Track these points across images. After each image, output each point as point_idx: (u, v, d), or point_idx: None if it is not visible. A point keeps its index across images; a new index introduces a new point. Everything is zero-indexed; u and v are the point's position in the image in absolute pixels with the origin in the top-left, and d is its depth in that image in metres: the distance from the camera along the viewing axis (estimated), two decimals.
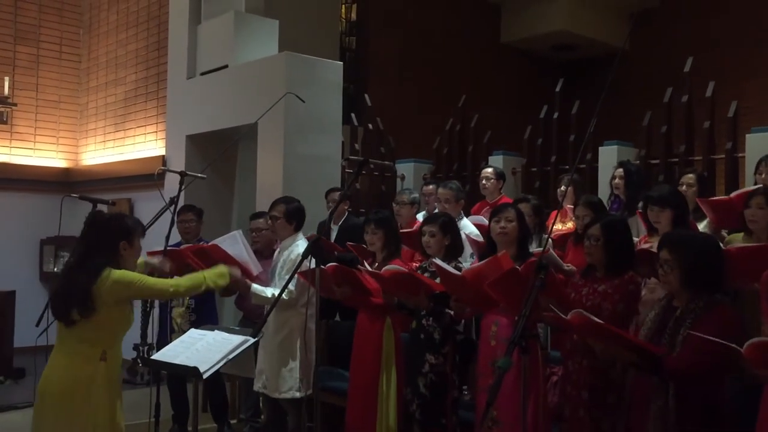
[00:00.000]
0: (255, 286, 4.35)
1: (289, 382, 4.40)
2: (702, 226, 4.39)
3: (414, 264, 4.75)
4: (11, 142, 9.53)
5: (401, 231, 5.04)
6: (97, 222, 3.34)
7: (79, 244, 3.28)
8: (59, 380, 3.12)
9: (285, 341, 4.42)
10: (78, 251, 3.25)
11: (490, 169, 6.16)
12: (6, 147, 9.48)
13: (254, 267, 4.37)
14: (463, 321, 4.10)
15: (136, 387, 6.90)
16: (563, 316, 2.81)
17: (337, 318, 5.72)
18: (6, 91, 9.20)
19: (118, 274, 3.16)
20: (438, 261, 3.78)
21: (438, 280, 3.87)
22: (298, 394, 4.36)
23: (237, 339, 3.20)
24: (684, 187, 4.72)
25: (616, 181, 5.36)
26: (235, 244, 4.32)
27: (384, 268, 3.98)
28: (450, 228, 4.12)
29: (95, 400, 3.11)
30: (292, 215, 4.57)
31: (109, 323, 3.17)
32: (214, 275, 3.43)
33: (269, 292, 4.33)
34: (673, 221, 3.85)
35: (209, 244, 4.51)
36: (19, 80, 9.52)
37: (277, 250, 4.74)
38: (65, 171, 9.89)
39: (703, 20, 11.35)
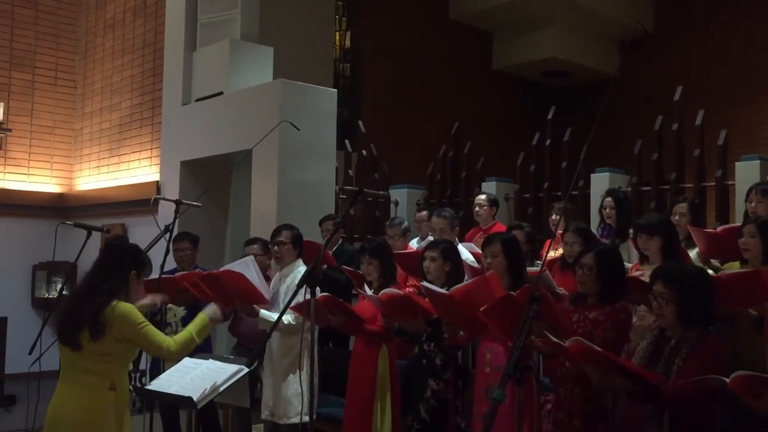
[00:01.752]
0: (263, 312, 4.40)
1: (296, 407, 4.41)
2: (693, 254, 4.44)
3: (408, 288, 4.78)
4: (5, 168, 9.54)
5: (399, 253, 5.08)
6: (117, 246, 3.39)
7: (93, 268, 3.29)
8: (70, 410, 3.11)
9: (291, 367, 4.44)
10: (91, 274, 3.26)
11: (483, 196, 6.20)
12: (0, 172, 9.48)
13: (266, 292, 4.40)
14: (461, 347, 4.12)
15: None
16: (561, 342, 2.82)
17: (330, 345, 5.72)
18: (0, 116, 9.25)
19: (125, 307, 3.15)
20: (426, 283, 3.81)
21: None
22: (306, 419, 4.36)
23: (231, 368, 3.20)
24: (677, 217, 4.75)
25: (607, 211, 5.40)
26: (247, 269, 4.34)
27: (381, 292, 4.00)
28: (451, 254, 4.14)
29: (107, 430, 3.11)
30: (297, 241, 4.69)
31: (114, 355, 3.16)
32: (199, 330, 3.38)
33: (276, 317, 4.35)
34: (662, 249, 3.90)
35: (221, 270, 4.52)
36: (14, 106, 9.56)
37: (276, 276, 4.77)
38: (59, 196, 9.89)
39: (693, 48, 11.52)
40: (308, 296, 3.26)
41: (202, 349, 4.82)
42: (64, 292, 5.27)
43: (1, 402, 7.34)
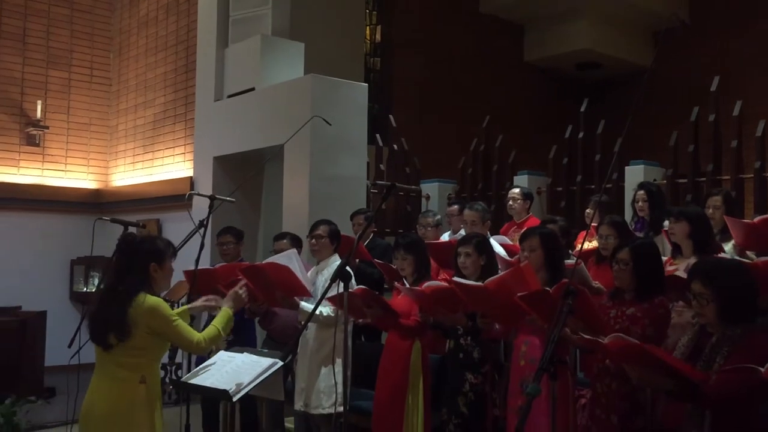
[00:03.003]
0: (303, 304, 4.46)
1: (330, 399, 4.47)
2: (729, 247, 4.35)
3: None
4: (43, 164, 9.72)
5: (432, 243, 5.08)
6: (128, 245, 3.37)
7: (111, 268, 3.33)
8: (101, 404, 3.16)
9: (326, 359, 4.49)
10: (111, 275, 3.30)
11: (516, 190, 6.16)
12: (38, 169, 9.67)
13: (309, 285, 4.45)
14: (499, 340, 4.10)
15: (165, 405, 6.93)
16: (599, 340, 2.77)
17: (362, 339, 5.74)
18: (38, 114, 9.44)
19: (153, 301, 3.18)
20: (457, 278, 3.80)
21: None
22: (340, 409, 4.40)
23: (266, 361, 3.23)
24: (711, 210, 4.66)
25: (639, 204, 5.33)
26: (290, 262, 4.39)
27: (425, 284, 4.00)
28: (485, 248, 4.13)
29: (137, 422, 3.16)
30: (335, 236, 4.77)
31: (145, 349, 3.20)
32: (224, 323, 3.41)
33: (317, 309, 4.38)
34: (690, 236, 3.84)
35: (265, 262, 4.56)
36: (51, 103, 9.74)
37: (312, 270, 4.81)
38: (95, 192, 10.06)
39: (730, 38, 11.30)
40: (342, 290, 3.28)
41: (245, 342, 4.90)
42: (101, 287, 5.38)
43: (42, 394, 7.48)
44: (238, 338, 5.04)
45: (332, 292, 3.55)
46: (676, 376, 2.60)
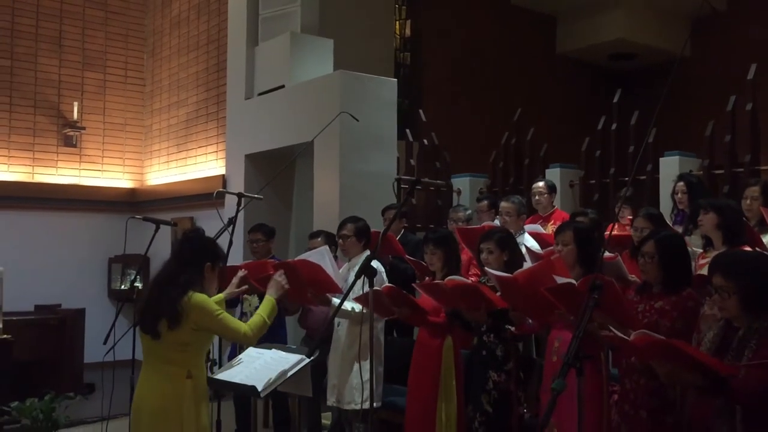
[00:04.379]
0: (335, 300, 4.46)
1: (362, 394, 4.47)
2: (767, 240, 4.25)
3: (472, 279, 4.74)
4: (80, 164, 9.92)
5: (463, 228, 5.07)
6: (193, 238, 3.51)
7: (171, 259, 3.39)
8: (151, 398, 3.23)
9: (361, 354, 4.49)
10: (170, 264, 3.35)
11: (541, 183, 6.11)
12: (75, 169, 9.87)
13: (340, 282, 4.47)
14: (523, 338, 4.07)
15: None
16: (625, 337, 2.73)
17: (394, 335, 5.74)
18: (75, 115, 9.63)
19: (200, 297, 3.23)
20: (490, 270, 3.77)
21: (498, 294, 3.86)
22: (376, 404, 4.42)
23: (294, 358, 3.25)
24: (748, 201, 4.56)
25: (679, 196, 5.23)
26: (322, 260, 4.42)
27: (447, 278, 3.99)
28: (507, 243, 4.09)
29: (186, 416, 3.21)
30: (362, 233, 4.76)
31: (190, 345, 3.25)
32: (269, 312, 3.45)
33: (349, 306, 4.41)
34: (719, 227, 3.80)
35: (296, 259, 4.60)
36: (87, 105, 9.93)
37: (345, 267, 4.83)
38: (131, 191, 10.24)
39: (767, 26, 11.01)
40: (367, 287, 3.28)
41: (275, 339, 4.93)
42: (136, 284, 5.47)
43: (81, 390, 7.63)
44: (268, 334, 5.08)
45: (358, 288, 3.55)
46: (705, 371, 2.55)
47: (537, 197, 6.02)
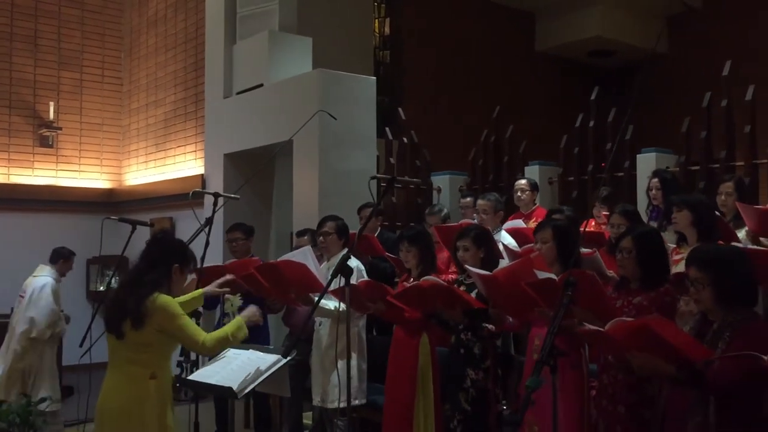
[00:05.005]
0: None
1: (345, 393, 4.46)
2: (742, 234, 4.31)
3: (450, 276, 4.76)
4: (57, 165, 9.81)
5: (441, 226, 5.08)
6: (162, 240, 3.51)
7: (139, 260, 3.37)
8: (114, 398, 3.22)
9: (340, 353, 4.48)
10: (137, 266, 3.34)
11: (524, 181, 6.15)
12: (52, 170, 9.76)
13: (323, 281, 4.44)
14: (501, 335, 4.08)
15: (180, 403, 6.97)
16: (600, 329, 2.75)
17: (374, 333, 5.74)
18: (51, 115, 9.52)
19: (165, 299, 3.22)
20: (470, 268, 3.79)
21: (474, 293, 3.87)
22: (355, 402, 4.41)
23: (271, 358, 3.24)
24: (723, 197, 4.61)
25: (653, 192, 5.28)
26: (305, 259, 4.40)
27: (423, 278, 4.00)
28: (484, 240, 4.10)
29: (149, 417, 3.19)
30: (342, 231, 4.77)
31: (153, 346, 3.22)
32: (235, 330, 3.40)
33: (332, 305, 4.40)
34: (693, 224, 3.84)
35: (280, 260, 4.57)
36: (63, 105, 9.82)
37: (324, 266, 4.82)
38: (109, 192, 10.14)
39: (742, 23, 11.13)
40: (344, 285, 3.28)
41: (259, 340, 4.91)
42: (112, 284, 5.43)
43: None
44: (250, 332, 5.06)
45: (335, 286, 3.54)
46: (678, 360, 2.57)
47: (519, 194, 6.05)
